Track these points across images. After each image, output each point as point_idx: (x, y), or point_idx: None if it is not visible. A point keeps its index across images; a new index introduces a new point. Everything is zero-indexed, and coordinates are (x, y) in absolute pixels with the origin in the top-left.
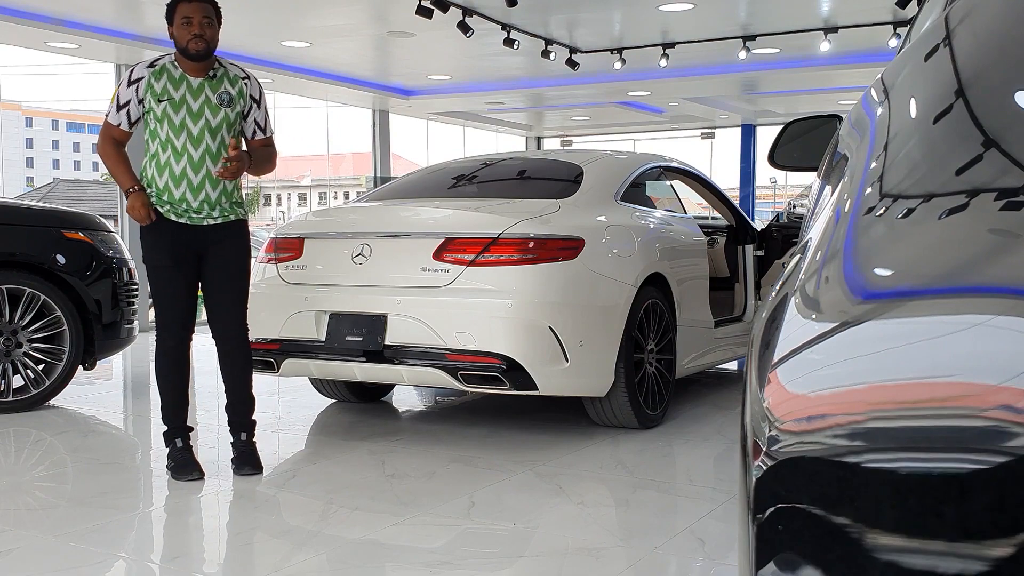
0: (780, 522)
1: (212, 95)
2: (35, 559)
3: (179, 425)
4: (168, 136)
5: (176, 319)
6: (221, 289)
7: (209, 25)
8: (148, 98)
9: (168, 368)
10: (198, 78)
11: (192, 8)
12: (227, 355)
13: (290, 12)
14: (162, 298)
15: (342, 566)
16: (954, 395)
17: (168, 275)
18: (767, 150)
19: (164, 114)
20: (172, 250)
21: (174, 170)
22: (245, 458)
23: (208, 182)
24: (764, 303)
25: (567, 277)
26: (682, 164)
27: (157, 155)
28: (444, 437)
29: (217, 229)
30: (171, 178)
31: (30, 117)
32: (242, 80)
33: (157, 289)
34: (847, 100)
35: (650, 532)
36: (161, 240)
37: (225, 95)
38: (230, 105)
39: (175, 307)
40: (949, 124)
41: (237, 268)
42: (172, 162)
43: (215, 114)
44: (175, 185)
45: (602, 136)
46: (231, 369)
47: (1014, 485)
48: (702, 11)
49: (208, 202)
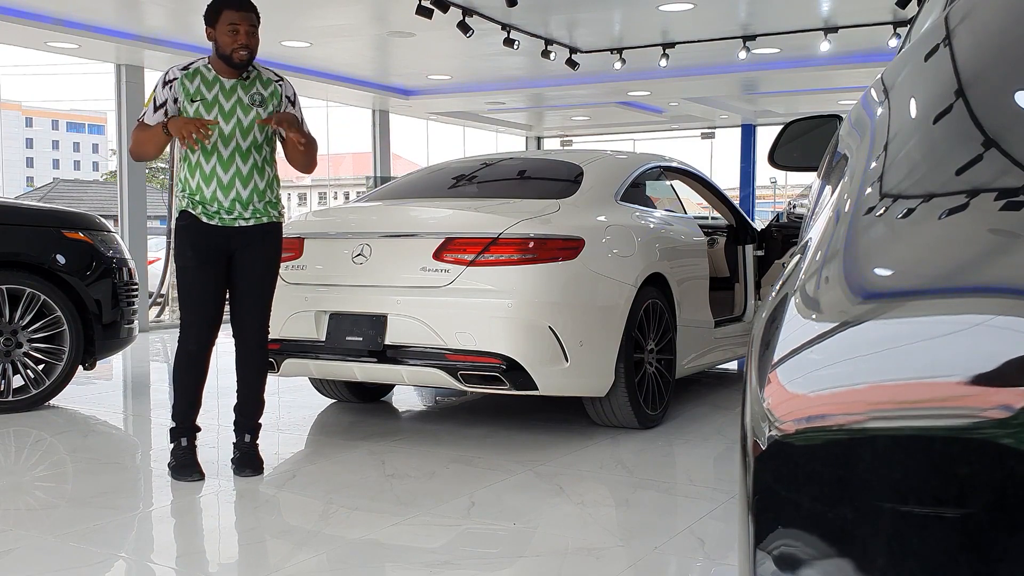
0: (780, 522)
1: (244, 96)
2: (35, 559)
3: (188, 425)
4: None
5: (201, 321)
6: (247, 292)
7: (254, 35)
8: (182, 98)
9: (187, 368)
10: (231, 79)
11: (239, 16)
12: (246, 358)
13: (290, 12)
14: (188, 299)
15: (342, 566)
16: (954, 395)
17: (195, 276)
18: (767, 150)
19: (197, 113)
20: (201, 251)
21: (204, 169)
22: (247, 460)
23: (239, 180)
24: (764, 303)
25: (567, 277)
26: (682, 164)
27: (188, 156)
28: (444, 437)
29: (248, 231)
30: (202, 177)
31: (30, 117)
32: (275, 83)
33: (184, 289)
34: (847, 100)
35: (650, 532)
36: (191, 241)
37: (257, 96)
38: (262, 105)
39: (201, 308)
40: (949, 124)
41: (265, 272)
42: (203, 161)
43: (246, 114)
44: (206, 184)
45: (602, 136)
46: (247, 371)
47: (1014, 485)
48: (702, 11)
49: (240, 201)
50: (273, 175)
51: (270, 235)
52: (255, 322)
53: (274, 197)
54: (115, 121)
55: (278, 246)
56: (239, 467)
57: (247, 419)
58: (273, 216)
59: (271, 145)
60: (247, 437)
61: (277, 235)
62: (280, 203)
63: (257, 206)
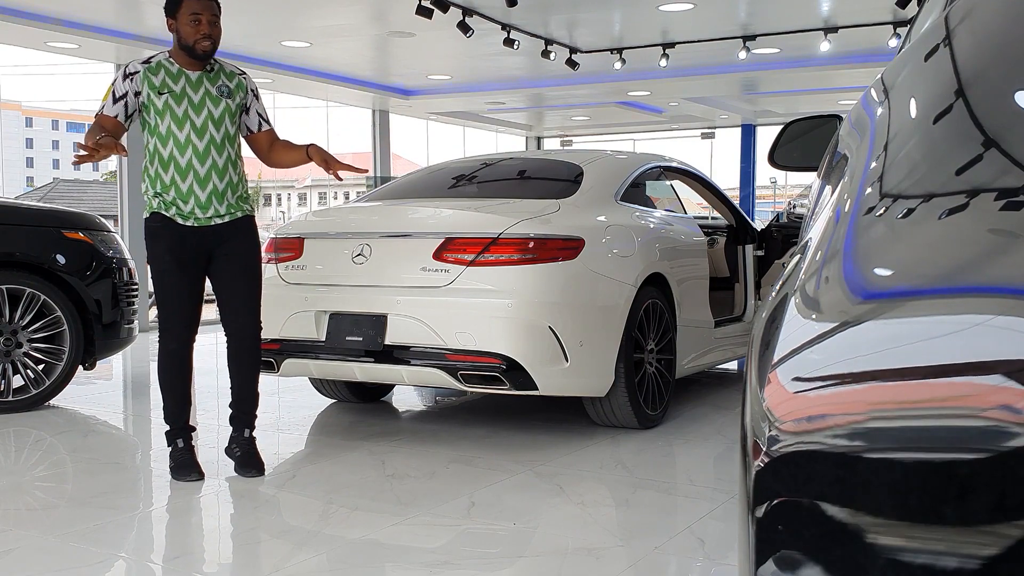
0: (780, 521)
1: (211, 87)
2: (35, 559)
3: (181, 426)
4: (170, 129)
5: (180, 322)
6: (234, 288)
7: (216, 24)
8: (146, 91)
9: (171, 370)
10: (196, 72)
11: (201, 6)
12: (240, 353)
13: (290, 12)
14: (166, 301)
15: (342, 566)
16: (954, 395)
17: (173, 279)
18: (767, 150)
19: (166, 106)
20: (177, 254)
21: (179, 162)
22: (248, 459)
23: (215, 173)
24: (764, 303)
25: (567, 277)
26: (682, 164)
27: (158, 151)
28: (444, 437)
29: (224, 228)
30: (177, 171)
31: (30, 117)
32: (239, 75)
33: (161, 292)
34: (847, 100)
35: (650, 532)
36: (166, 243)
37: (224, 87)
38: (230, 96)
39: (179, 310)
40: (949, 124)
41: (248, 265)
42: (176, 154)
43: (216, 105)
44: (182, 178)
45: (602, 136)
46: (240, 367)
47: (1014, 485)
48: (702, 11)
49: (216, 194)
50: (242, 169)
51: (245, 229)
52: (248, 316)
53: (245, 192)
54: None
55: (256, 237)
56: (242, 467)
57: (245, 413)
58: (246, 210)
59: (239, 139)
60: (246, 432)
61: (253, 228)
62: (250, 197)
63: (231, 201)
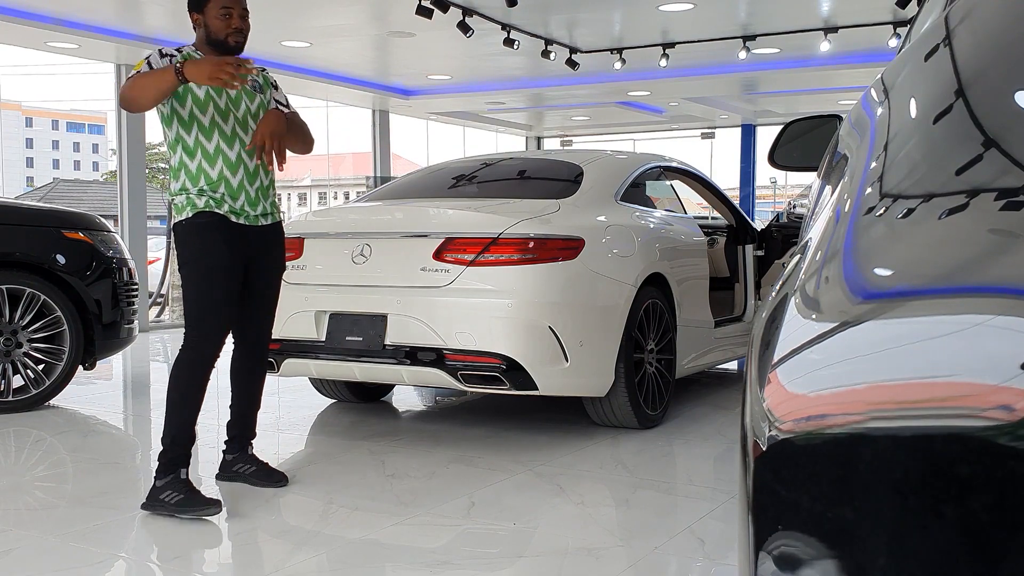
0: (780, 522)
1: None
2: (35, 559)
3: (188, 453)
4: (214, 121)
5: (223, 328)
6: (266, 296)
7: (246, 19)
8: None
9: (198, 381)
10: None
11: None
12: (251, 366)
13: (290, 12)
14: (212, 304)
15: (342, 566)
16: (954, 395)
17: (224, 278)
18: (767, 150)
19: (208, 97)
20: (232, 252)
21: (228, 156)
22: (268, 471)
23: (261, 169)
24: (764, 303)
25: (567, 277)
26: (682, 164)
27: (201, 145)
28: (444, 437)
29: (268, 231)
30: (226, 165)
31: (30, 117)
32: (261, 71)
33: (207, 293)
34: (847, 100)
35: (650, 532)
36: (222, 239)
37: (255, 82)
38: (261, 91)
39: (225, 315)
40: (949, 124)
41: (277, 276)
42: (224, 148)
43: (252, 99)
44: (232, 173)
45: (602, 136)
46: (251, 382)
47: (1014, 485)
48: (702, 11)
49: (262, 190)
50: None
51: (280, 236)
52: (266, 330)
53: (275, 194)
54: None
55: (284, 249)
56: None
57: (250, 430)
58: (277, 217)
59: None
60: (250, 448)
61: (284, 237)
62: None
63: (272, 199)
